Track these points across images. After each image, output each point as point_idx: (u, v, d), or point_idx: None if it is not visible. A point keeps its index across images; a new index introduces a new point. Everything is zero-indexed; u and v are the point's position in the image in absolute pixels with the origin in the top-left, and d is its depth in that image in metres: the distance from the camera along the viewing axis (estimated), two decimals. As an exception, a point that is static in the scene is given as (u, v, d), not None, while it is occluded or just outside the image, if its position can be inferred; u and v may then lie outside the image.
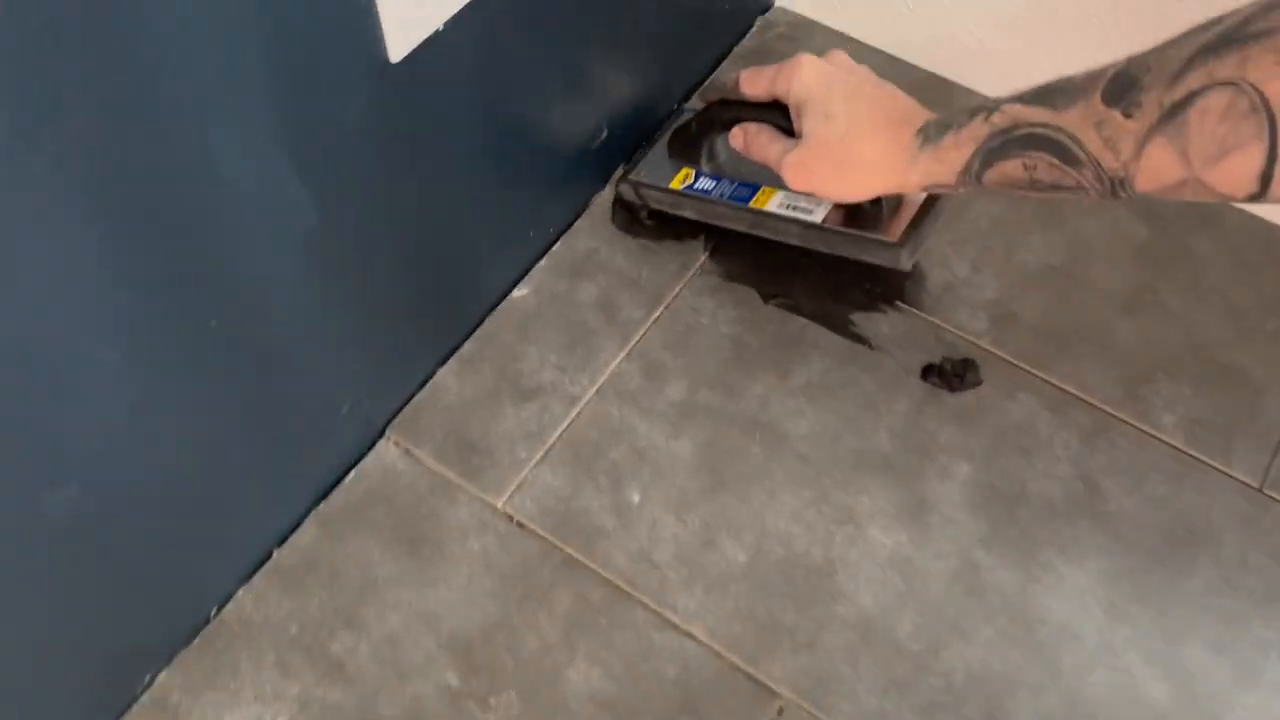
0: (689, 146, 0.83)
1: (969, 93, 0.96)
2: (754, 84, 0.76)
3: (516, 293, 0.85)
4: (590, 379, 0.81)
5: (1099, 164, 0.57)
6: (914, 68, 0.98)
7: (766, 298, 0.85)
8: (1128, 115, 0.54)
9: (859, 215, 0.75)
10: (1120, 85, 0.55)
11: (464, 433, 0.79)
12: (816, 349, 0.82)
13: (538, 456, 0.78)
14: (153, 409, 0.58)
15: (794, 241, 0.78)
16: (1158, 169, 0.55)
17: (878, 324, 0.84)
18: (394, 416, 0.79)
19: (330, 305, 0.66)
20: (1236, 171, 0.51)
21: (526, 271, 0.86)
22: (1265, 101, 0.49)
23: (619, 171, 0.88)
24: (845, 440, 0.78)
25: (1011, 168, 0.62)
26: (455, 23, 0.62)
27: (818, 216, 0.76)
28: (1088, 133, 0.57)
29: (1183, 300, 0.85)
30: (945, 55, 0.96)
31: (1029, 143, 0.60)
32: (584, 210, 0.89)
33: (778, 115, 0.75)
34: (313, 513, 0.75)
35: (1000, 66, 0.92)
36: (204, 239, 0.55)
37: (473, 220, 0.77)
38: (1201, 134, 0.52)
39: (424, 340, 0.79)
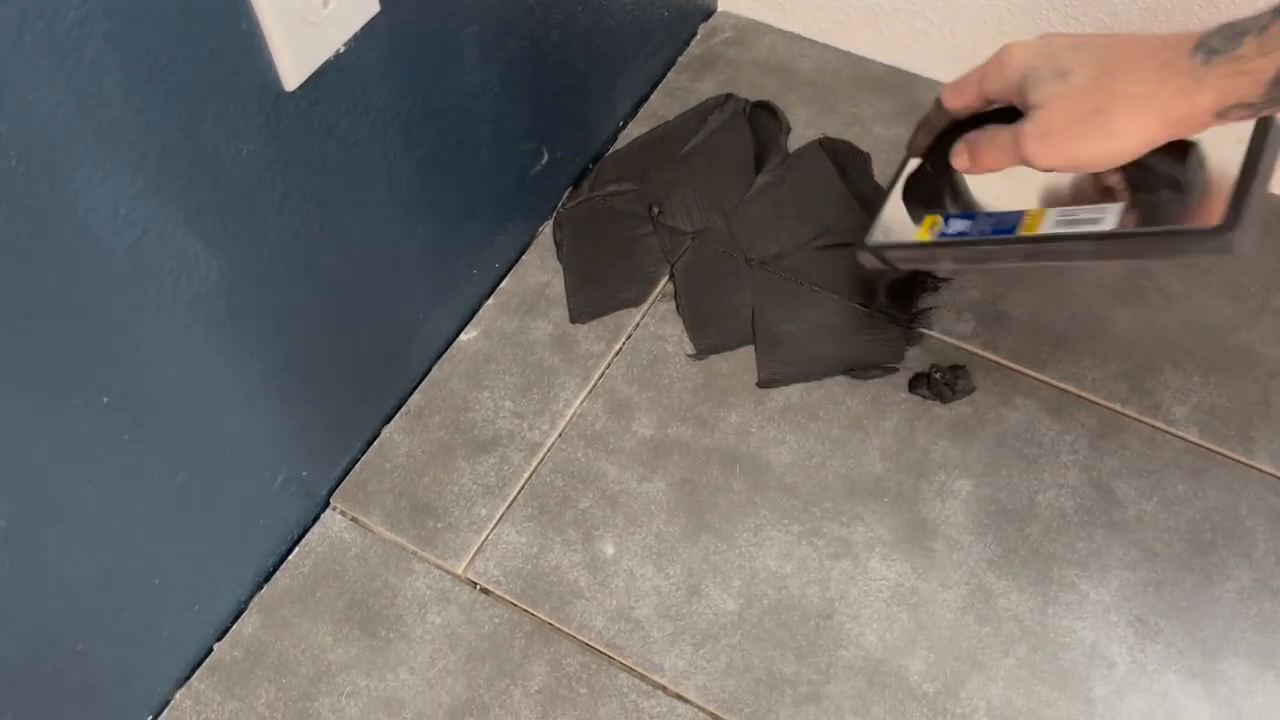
0: (928, 193, 0.69)
1: (932, 84, 0.90)
2: (960, 95, 0.62)
3: (464, 336, 0.79)
4: (551, 423, 0.74)
5: None
6: (871, 62, 0.93)
7: (734, 318, 0.79)
8: None
9: (1159, 207, 0.60)
10: None
11: (416, 494, 0.72)
12: (793, 369, 0.76)
13: (499, 513, 0.71)
14: (46, 503, 0.51)
15: (1085, 261, 0.63)
16: None
17: (857, 336, 0.78)
18: (338, 484, 0.73)
19: (244, 369, 0.60)
20: None
21: (474, 312, 0.80)
22: None
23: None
24: (833, 465, 0.72)
25: None
26: (358, 42, 0.56)
27: (1109, 223, 0.60)
28: None
29: (1179, 283, 0.79)
30: (902, 47, 0.91)
31: None
32: (531, 242, 0.83)
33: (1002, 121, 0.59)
34: (255, 598, 0.69)
35: (958, 51, 0.88)
36: (76, 308, 0.48)
37: (406, 261, 0.70)
38: None
39: (364, 396, 0.73)
